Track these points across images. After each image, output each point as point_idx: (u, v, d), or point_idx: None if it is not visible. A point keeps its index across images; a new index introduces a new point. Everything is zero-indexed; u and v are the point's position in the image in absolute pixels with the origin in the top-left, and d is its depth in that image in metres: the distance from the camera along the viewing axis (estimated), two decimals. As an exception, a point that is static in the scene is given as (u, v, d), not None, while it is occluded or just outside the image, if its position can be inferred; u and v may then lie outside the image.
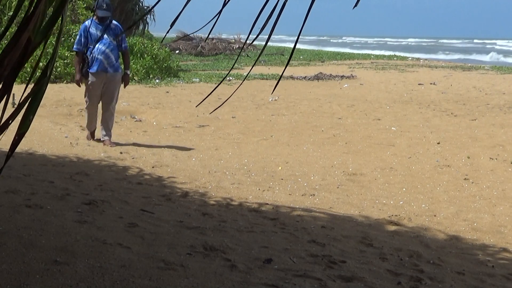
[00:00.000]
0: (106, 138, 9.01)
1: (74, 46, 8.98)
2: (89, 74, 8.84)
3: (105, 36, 8.87)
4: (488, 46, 70.75)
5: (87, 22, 9.03)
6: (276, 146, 9.73)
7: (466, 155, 9.05)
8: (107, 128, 9.05)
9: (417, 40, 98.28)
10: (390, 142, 10.08)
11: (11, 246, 3.80)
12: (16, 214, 4.58)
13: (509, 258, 4.98)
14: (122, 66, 9.30)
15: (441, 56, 44.15)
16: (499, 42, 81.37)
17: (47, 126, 10.38)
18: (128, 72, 9.15)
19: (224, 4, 2.01)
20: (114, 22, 9.07)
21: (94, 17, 8.93)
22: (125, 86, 9.22)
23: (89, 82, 8.88)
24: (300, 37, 2.08)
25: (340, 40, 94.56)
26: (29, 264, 3.52)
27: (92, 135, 9.30)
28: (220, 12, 2.03)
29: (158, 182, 6.79)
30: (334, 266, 4.18)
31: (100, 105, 9.20)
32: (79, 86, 9.09)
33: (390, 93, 17.01)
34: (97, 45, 8.79)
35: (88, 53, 8.81)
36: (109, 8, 8.83)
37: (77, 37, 8.95)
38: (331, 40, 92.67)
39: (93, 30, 8.86)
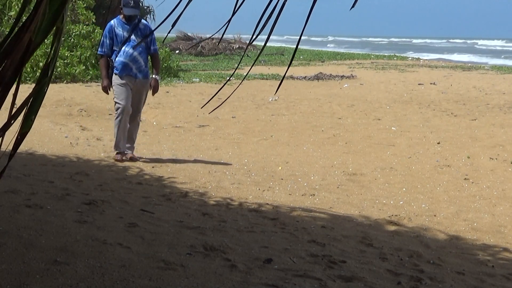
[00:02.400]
0: (130, 151, 7.94)
1: (99, 49, 7.88)
2: (116, 76, 7.73)
3: (133, 37, 7.86)
4: (468, 46, 70.53)
5: (112, 22, 7.87)
6: (276, 146, 9.73)
7: (466, 155, 9.05)
8: (131, 139, 7.96)
9: (401, 39, 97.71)
10: (390, 142, 10.08)
11: (11, 246, 3.80)
12: (16, 214, 4.58)
13: (509, 258, 4.98)
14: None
15: (419, 55, 43.64)
16: (480, 41, 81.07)
17: (47, 126, 10.39)
18: (158, 77, 7.97)
19: (234, 12, 2.01)
20: (143, 21, 8.00)
21: (121, 16, 7.85)
22: (153, 93, 8.03)
23: (117, 84, 7.75)
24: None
25: (324, 39, 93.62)
26: (29, 264, 3.52)
27: (122, 155, 7.88)
28: (229, 20, 2.03)
29: (158, 182, 6.80)
30: (334, 266, 4.18)
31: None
32: (107, 93, 7.97)
33: (390, 93, 17.01)
34: (123, 48, 7.74)
35: (113, 56, 7.77)
36: (137, 5, 7.81)
37: (101, 38, 7.88)
38: (318, 40, 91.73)
39: (119, 30, 7.77)
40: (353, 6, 2.13)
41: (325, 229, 5.25)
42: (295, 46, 2.25)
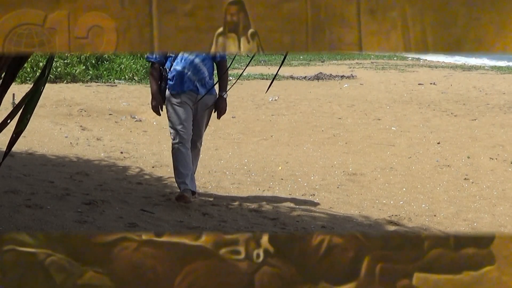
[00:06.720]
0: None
1: (147, 54, 6.15)
2: (171, 96, 5.88)
3: None
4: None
5: None
6: (276, 146, 9.74)
7: (466, 155, 9.05)
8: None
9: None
10: (390, 142, 10.08)
11: (11, 246, 3.79)
12: (16, 214, 4.58)
13: (509, 258, 4.98)
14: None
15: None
16: None
17: (47, 126, 10.38)
18: (225, 95, 5.93)
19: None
20: None
21: None
22: (219, 116, 5.94)
23: (172, 103, 5.90)
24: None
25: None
26: (29, 264, 3.52)
27: (186, 197, 5.65)
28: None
29: (158, 182, 6.79)
30: (334, 266, 4.18)
31: None
32: (159, 114, 6.12)
33: (390, 93, 17.01)
34: (181, 54, 5.79)
35: (168, 64, 5.86)
36: None
37: None
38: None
39: None
40: None
41: (325, 229, 5.26)
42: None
